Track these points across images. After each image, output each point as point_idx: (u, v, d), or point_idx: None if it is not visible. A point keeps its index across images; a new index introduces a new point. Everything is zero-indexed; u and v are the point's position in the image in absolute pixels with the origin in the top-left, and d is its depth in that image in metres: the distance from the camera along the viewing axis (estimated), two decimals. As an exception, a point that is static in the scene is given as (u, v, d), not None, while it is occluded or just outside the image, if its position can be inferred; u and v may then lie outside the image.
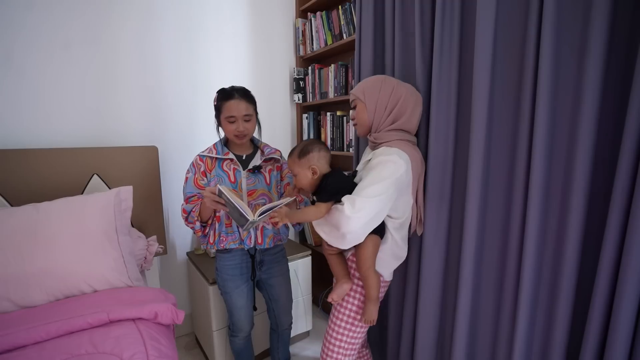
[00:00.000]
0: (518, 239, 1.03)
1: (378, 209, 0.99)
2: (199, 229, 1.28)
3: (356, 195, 0.99)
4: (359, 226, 0.98)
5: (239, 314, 1.38)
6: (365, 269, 1.08)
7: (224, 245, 1.29)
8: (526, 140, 0.98)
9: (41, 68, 1.50)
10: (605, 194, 0.87)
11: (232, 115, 1.21)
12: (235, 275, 1.34)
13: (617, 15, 0.82)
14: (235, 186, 1.28)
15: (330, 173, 1.08)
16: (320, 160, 1.08)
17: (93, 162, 1.56)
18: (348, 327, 1.14)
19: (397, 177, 1.01)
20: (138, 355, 0.91)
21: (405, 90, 1.14)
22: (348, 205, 0.97)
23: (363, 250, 1.07)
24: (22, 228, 1.18)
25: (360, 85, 1.18)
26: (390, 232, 1.12)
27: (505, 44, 1.02)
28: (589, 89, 0.84)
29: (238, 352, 1.48)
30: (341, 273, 1.15)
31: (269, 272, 1.41)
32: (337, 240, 1.03)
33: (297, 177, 1.10)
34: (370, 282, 1.08)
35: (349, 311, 1.15)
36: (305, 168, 1.07)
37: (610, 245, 0.82)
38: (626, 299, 0.78)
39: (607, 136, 0.87)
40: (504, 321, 1.11)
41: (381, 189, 0.98)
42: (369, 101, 1.13)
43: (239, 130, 1.22)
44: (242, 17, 2.04)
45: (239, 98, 1.22)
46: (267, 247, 1.34)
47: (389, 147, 1.08)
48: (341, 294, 1.13)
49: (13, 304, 1.11)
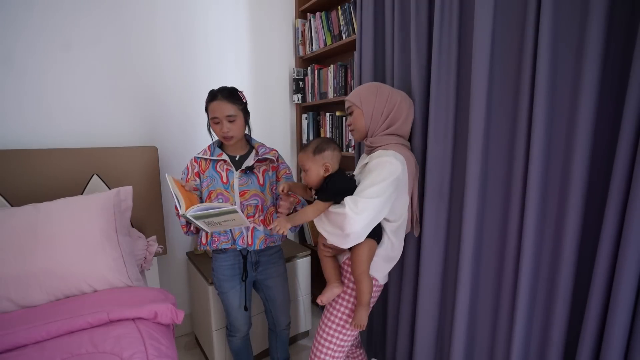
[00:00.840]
0: (516, 239, 1.04)
1: (379, 209, 1.01)
2: (184, 224, 1.31)
3: (358, 196, 1.00)
4: (361, 226, 0.99)
5: (236, 314, 1.39)
6: (359, 273, 1.08)
7: (216, 245, 1.30)
8: (524, 140, 0.99)
9: (42, 68, 1.50)
10: (602, 192, 0.88)
11: (216, 116, 1.22)
12: (231, 275, 1.35)
13: (615, 15, 0.83)
14: (228, 187, 1.28)
15: (335, 173, 1.09)
16: (333, 159, 1.09)
17: (93, 162, 1.56)
18: (339, 330, 1.15)
19: (395, 177, 1.03)
20: (138, 355, 0.92)
21: (400, 97, 1.17)
22: (351, 205, 0.98)
23: (359, 253, 1.08)
24: (22, 228, 1.18)
25: (356, 92, 1.19)
26: (388, 235, 1.13)
27: (503, 44, 1.03)
28: (586, 88, 0.85)
29: (236, 352, 1.49)
30: (333, 276, 1.16)
31: (265, 273, 1.41)
32: (339, 240, 1.03)
33: (308, 172, 1.09)
34: (362, 286, 1.09)
35: (341, 314, 1.15)
36: (318, 165, 1.07)
37: (607, 244, 0.82)
38: (622, 298, 0.79)
39: (604, 135, 0.87)
40: (502, 320, 1.11)
41: (381, 189, 1.00)
42: (366, 108, 1.15)
43: (222, 131, 1.23)
44: (241, 18, 2.05)
45: (222, 99, 1.22)
46: (259, 249, 1.33)
47: (385, 149, 1.10)
48: (330, 297, 1.14)
49: (13, 303, 1.11)
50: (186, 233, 1.33)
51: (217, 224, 1.14)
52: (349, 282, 1.16)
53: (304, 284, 1.92)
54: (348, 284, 1.16)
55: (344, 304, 1.16)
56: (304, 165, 1.10)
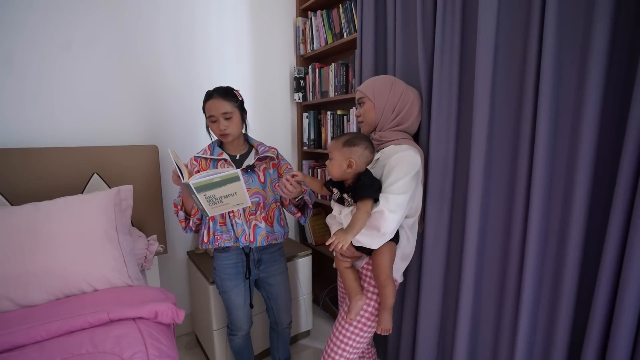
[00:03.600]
0: (520, 239, 1.03)
1: (407, 204, 1.01)
2: (182, 218, 1.30)
3: (388, 193, 0.99)
4: (396, 223, 0.99)
5: (238, 312, 1.38)
6: (384, 278, 1.06)
7: (218, 243, 1.30)
8: (528, 140, 0.98)
9: (42, 68, 1.49)
10: (607, 193, 0.87)
11: (212, 114, 1.23)
12: (233, 274, 1.35)
13: (620, 15, 0.82)
14: None
15: (365, 172, 1.05)
16: (362, 157, 1.04)
17: (93, 161, 1.56)
18: (356, 332, 1.13)
19: (416, 171, 1.03)
20: (138, 355, 0.91)
21: (413, 95, 1.16)
22: (384, 203, 0.97)
23: (381, 259, 1.05)
24: (22, 227, 1.17)
25: (369, 83, 1.17)
26: (405, 230, 1.12)
27: (507, 43, 1.02)
28: (591, 88, 0.84)
29: (237, 351, 1.49)
30: (355, 288, 1.12)
31: (267, 271, 1.41)
32: (372, 240, 1.01)
33: (332, 160, 1.06)
34: (387, 291, 1.07)
35: (360, 317, 1.13)
36: (344, 157, 1.03)
37: (612, 245, 0.81)
38: (628, 299, 0.78)
39: (609, 136, 0.87)
40: (505, 321, 1.10)
41: (407, 184, 1.00)
42: (379, 101, 1.13)
43: (219, 128, 1.23)
44: (242, 16, 2.04)
45: (217, 97, 1.23)
46: (261, 246, 1.33)
47: (397, 145, 1.09)
48: (358, 311, 1.11)
49: (13, 303, 1.10)
50: (184, 229, 1.32)
51: (219, 200, 1.10)
52: (368, 285, 1.14)
53: (305, 283, 1.91)
54: (368, 288, 1.14)
55: (364, 307, 1.13)
56: (331, 153, 1.07)
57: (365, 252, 1.11)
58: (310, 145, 2.23)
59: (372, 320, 1.13)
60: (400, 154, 1.04)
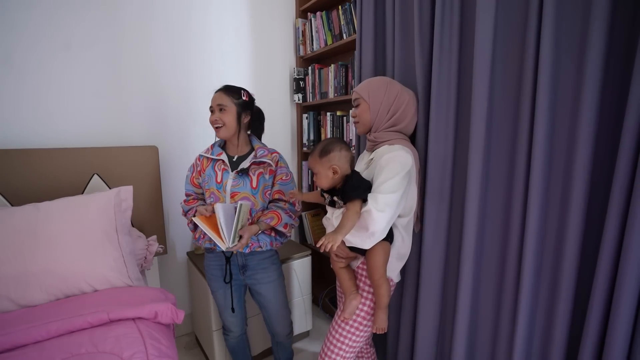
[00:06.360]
0: (518, 238, 1.03)
1: (397, 203, 1.01)
2: (193, 229, 1.38)
3: (376, 192, 0.99)
4: (385, 222, 0.99)
5: (224, 314, 1.40)
6: (378, 278, 1.06)
7: (200, 243, 1.33)
8: (526, 139, 0.99)
9: (42, 68, 1.50)
10: (605, 191, 0.87)
11: (211, 105, 1.27)
12: (218, 276, 1.35)
13: (617, 14, 0.82)
14: (220, 187, 1.28)
15: (352, 174, 1.05)
16: (342, 159, 1.04)
17: (93, 161, 1.56)
18: (352, 331, 1.14)
19: (407, 170, 1.03)
20: (138, 355, 0.91)
21: (409, 96, 1.16)
22: (373, 203, 0.97)
23: (375, 258, 1.06)
24: (22, 228, 1.18)
25: (364, 85, 1.18)
26: (400, 230, 1.12)
27: (505, 43, 1.02)
28: (588, 87, 0.85)
29: (232, 351, 1.50)
30: (350, 288, 1.13)
31: (254, 278, 1.35)
32: (362, 240, 1.01)
33: (317, 175, 1.07)
34: (382, 290, 1.07)
35: (356, 316, 1.14)
36: (326, 167, 1.04)
37: (609, 244, 0.82)
38: (625, 297, 0.78)
39: (606, 135, 0.87)
40: (504, 320, 1.11)
41: (397, 183, 1.00)
42: (373, 102, 1.14)
43: (212, 119, 1.26)
44: (242, 18, 2.04)
45: (220, 91, 1.28)
46: (243, 252, 1.30)
47: (390, 145, 1.10)
48: (353, 311, 1.12)
49: (13, 303, 1.11)
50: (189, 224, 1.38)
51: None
52: (364, 285, 1.15)
53: (305, 284, 1.91)
54: (363, 287, 1.15)
55: (360, 306, 1.14)
56: (313, 169, 1.08)
57: (359, 253, 1.11)
58: (310, 146, 2.24)
59: (367, 319, 1.14)
60: (392, 153, 1.04)
